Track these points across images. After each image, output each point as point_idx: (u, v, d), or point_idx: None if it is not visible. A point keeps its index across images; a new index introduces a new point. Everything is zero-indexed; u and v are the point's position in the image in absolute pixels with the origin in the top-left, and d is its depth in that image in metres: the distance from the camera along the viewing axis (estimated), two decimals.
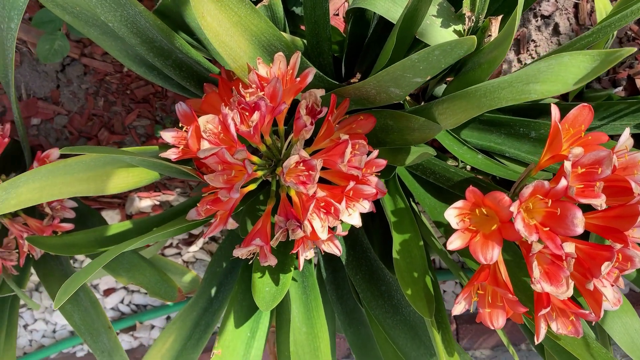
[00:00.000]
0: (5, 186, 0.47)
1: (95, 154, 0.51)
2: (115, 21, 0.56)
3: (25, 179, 0.47)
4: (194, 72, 0.66)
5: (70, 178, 0.50)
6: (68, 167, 0.49)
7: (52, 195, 0.49)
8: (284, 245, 0.64)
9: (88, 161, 0.50)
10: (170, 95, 0.96)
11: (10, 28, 0.61)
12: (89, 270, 0.49)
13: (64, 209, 0.75)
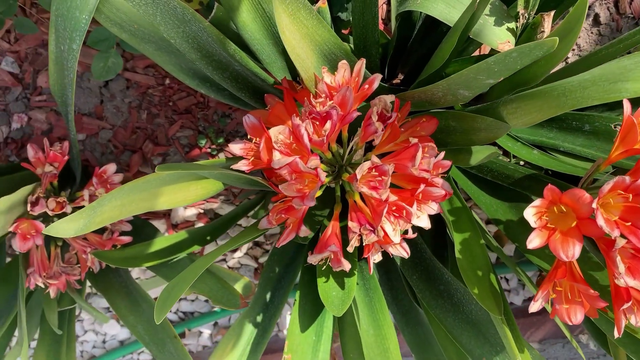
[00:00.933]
0: (93, 205, 0.48)
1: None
2: (177, 37, 0.57)
3: (109, 197, 0.48)
4: (248, 83, 0.67)
5: (147, 194, 0.51)
6: (147, 183, 0.50)
7: (131, 211, 0.50)
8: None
9: (164, 177, 0.51)
10: (212, 106, 0.97)
11: (72, 49, 0.62)
12: (183, 283, 0.50)
13: (121, 222, 0.77)
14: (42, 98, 0.95)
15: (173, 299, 0.49)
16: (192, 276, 0.50)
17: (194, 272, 0.51)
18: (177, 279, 0.52)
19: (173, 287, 0.50)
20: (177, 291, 0.49)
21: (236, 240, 0.56)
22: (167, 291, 0.50)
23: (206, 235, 0.84)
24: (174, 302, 0.48)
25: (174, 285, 0.50)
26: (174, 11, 0.53)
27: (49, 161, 0.71)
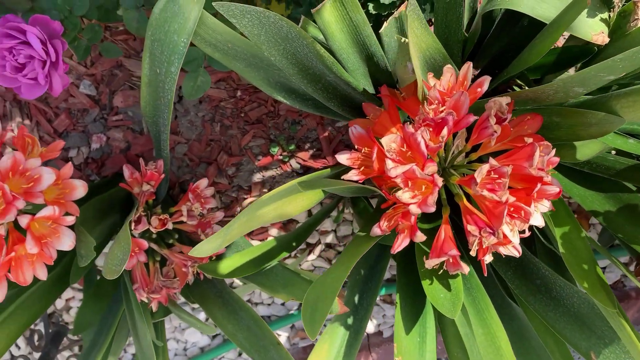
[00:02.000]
0: (228, 225, 0.50)
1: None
2: (277, 55, 0.59)
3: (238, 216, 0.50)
4: (338, 92, 0.68)
5: (267, 208, 0.53)
6: (268, 199, 0.51)
7: (251, 226, 0.52)
8: None
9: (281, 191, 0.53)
10: (282, 114, 0.99)
11: (170, 72, 0.64)
12: (325, 299, 0.51)
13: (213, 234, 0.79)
14: (118, 118, 0.98)
15: (322, 314, 0.50)
16: (333, 291, 0.52)
17: (331, 285, 0.52)
18: (314, 293, 0.53)
19: (315, 302, 0.51)
20: (324, 307, 0.50)
21: (355, 251, 0.57)
22: (311, 307, 0.51)
23: (292, 242, 0.86)
24: (324, 318, 0.50)
25: (316, 301, 0.52)
26: (279, 30, 0.54)
27: (145, 180, 0.74)
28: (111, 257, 0.57)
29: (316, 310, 0.50)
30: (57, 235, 0.60)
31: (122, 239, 0.56)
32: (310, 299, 0.52)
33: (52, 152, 0.63)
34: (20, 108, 0.98)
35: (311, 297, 0.53)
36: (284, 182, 1.03)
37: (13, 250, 0.58)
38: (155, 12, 0.63)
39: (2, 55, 0.66)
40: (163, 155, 0.76)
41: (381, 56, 0.70)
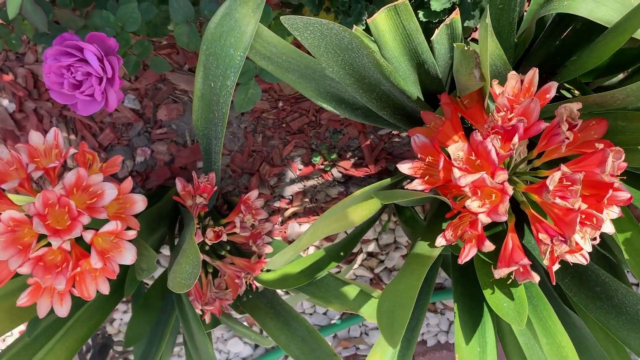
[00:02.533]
0: (299, 238, 0.50)
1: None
2: (335, 65, 0.59)
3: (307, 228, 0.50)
4: (391, 101, 0.68)
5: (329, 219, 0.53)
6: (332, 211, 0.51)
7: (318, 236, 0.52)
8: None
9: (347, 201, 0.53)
10: (323, 124, 0.99)
11: (225, 85, 0.65)
12: (402, 307, 0.51)
13: (264, 245, 0.79)
14: (162, 131, 0.99)
15: (401, 323, 0.50)
16: (410, 299, 0.51)
17: (407, 293, 0.52)
18: (387, 302, 0.53)
19: (391, 311, 0.51)
20: (402, 315, 0.50)
21: (422, 260, 0.57)
22: (387, 316, 0.51)
23: (339, 252, 0.86)
24: (403, 326, 0.49)
25: (392, 310, 0.51)
26: (340, 41, 0.54)
27: (198, 193, 0.74)
28: (179, 271, 0.57)
29: (394, 319, 0.50)
30: (119, 250, 0.61)
31: (189, 252, 0.56)
32: (384, 309, 0.52)
33: (111, 167, 0.64)
34: (66, 123, 1.00)
35: (385, 307, 0.52)
36: (325, 192, 1.03)
37: (78, 265, 0.59)
38: (211, 26, 0.63)
39: (60, 72, 0.67)
40: (214, 168, 0.76)
41: (432, 63, 0.70)
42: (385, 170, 1.00)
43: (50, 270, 0.58)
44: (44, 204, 0.57)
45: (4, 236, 0.56)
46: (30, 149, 0.61)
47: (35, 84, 0.97)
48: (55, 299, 0.61)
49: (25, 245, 0.57)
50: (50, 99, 0.98)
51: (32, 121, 0.99)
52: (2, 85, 0.97)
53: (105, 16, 0.71)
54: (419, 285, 0.51)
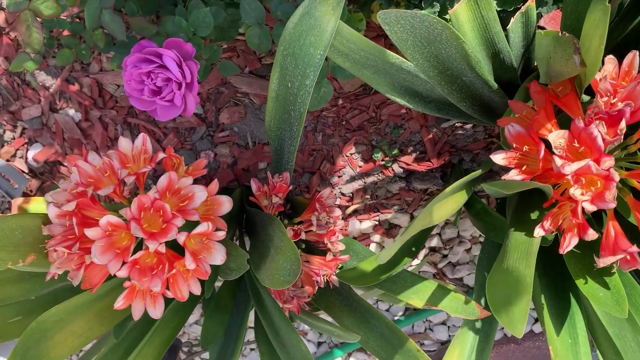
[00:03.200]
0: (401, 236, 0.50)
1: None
2: (420, 58, 0.58)
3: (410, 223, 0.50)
4: (470, 92, 0.67)
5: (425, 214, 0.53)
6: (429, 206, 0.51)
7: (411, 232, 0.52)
8: (589, 246, 0.64)
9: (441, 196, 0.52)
10: (383, 119, 0.99)
11: (304, 85, 0.65)
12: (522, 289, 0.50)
13: (337, 242, 0.79)
14: (225, 134, 1.01)
15: (521, 311, 0.49)
16: (526, 287, 0.51)
17: (522, 281, 0.51)
18: (498, 293, 0.52)
19: (506, 300, 0.51)
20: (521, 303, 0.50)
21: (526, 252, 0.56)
22: (505, 307, 0.50)
23: (411, 247, 0.85)
24: (524, 315, 0.49)
25: (506, 300, 0.51)
26: (429, 33, 0.54)
27: (274, 192, 0.75)
28: (276, 268, 0.58)
29: (511, 309, 0.50)
30: (209, 251, 0.62)
31: (286, 250, 0.57)
32: (497, 300, 0.51)
33: (197, 170, 0.65)
34: (130, 130, 1.02)
35: (498, 297, 0.52)
36: (386, 188, 1.03)
37: (173, 267, 0.60)
38: (289, 26, 0.64)
39: (141, 79, 0.68)
40: (287, 167, 0.77)
41: (507, 52, 0.69)
42: (448, 164, 1.00)
43: (145, 272, 0.60)
44: (139, 208, 0.58)
45: (102, 241, 0.57)
46: (121, 155, 0.62)
47: (100, 92, 1.00)
48: (148, 301, 0.63)
49: (122, 249, 0.58)
50: (115, 107, 1.00)
51: (97, 129, 1.01)
52: (69, 95, 1.00)
53: (177, 22, 0.73)
54: (532, 274, 0.51)
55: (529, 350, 1.08)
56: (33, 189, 1.06)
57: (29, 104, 1.01)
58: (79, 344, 0.66)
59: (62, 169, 1.05)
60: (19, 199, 0.79)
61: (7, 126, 1.03)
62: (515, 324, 0.49)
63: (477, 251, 1.09)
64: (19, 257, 0.60)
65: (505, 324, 0.50)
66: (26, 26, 0.62)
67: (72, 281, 0.59)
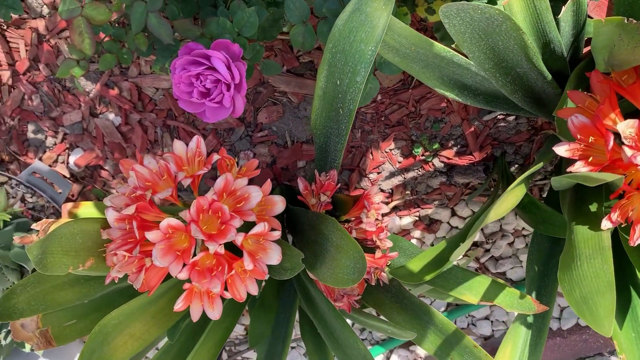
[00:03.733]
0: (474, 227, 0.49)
1: None
2: (476, 50, 0.58)
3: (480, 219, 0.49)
4: (523, 84, 0.66)
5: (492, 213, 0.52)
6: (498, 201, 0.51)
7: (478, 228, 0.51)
8: None
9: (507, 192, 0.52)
10: (423, 114, 0.98)
11: (355, 82, 0.65)
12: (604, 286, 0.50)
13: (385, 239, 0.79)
14: (263, 134, 1.01)
15: (606, 309, 0.48)
16: (608, 284, 0.50)
17: (601, 279, 0.50)
18: (578, 290, 0.51)
19: (588, 299, 0.50)
20: (605, 302, 0.49)
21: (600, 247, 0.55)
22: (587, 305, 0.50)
23: (458, 242, 0.84)
24: (610, 312, 0.48)
25: (588, 298, 0.50)
26: (488, 26, 0.53)
27: (322, 191, 0.75)
28: (339, 268, 0.58)
29: (595, 308, 0.49)
30: (265, 251, 0.62)
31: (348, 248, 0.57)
32: (576, 298, 0.50)
33: (250, 171, 0.65)
34: (170, 132, 1.02)
35: (577, 296, 0.51)
36: (426, 183, 1.02)
37: (232, 268, 0.60)
38: (339, 24, 0.63)
39: (190, 82, 0.68)
40: (334, 165, 0.76)
41: (558, 42, 0.68)
42: (490, 157, 0.98)
43: (205, 274, 0.60)
44: (198, 210, 0.58)
45: (162, 243, 0.58)
46: (176, 158, 0.62)
47: (139, 96, 1.00)
48: (206, 303, 0.63)
49: (182, 251, 0.59)
50: (154, 110, 1.01)
51: (137, 132, 1.02)
52: (108, 99, 1.01)
53: (222, 23, 0.72)
54: (612, 270, 0.50)
55: (576, 344, 1.06)
56: (75, 193, 1.08)
57: (69, 109, 1.02)
58: (137, 346, 0.67)
59: (103, 173, 1.06)
60: (68, 204, 0.80)
61: (48, 132, 1.04)
62: (602, 323, 0.48)
63: (520, 244, 1.07)
64: (79, 262, 0.61)
65: (590, 323, 0.49)
66: (79, 32, 0.62)
67: (133, 284, 0.60)
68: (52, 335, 0.73)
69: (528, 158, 0.97)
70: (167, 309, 0.72)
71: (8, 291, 0.64)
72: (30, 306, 0.67)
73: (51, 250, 0.56)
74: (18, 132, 1.04)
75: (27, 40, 0.98)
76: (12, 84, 1.01)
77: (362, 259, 0.55)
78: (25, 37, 0.98)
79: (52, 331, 0.73)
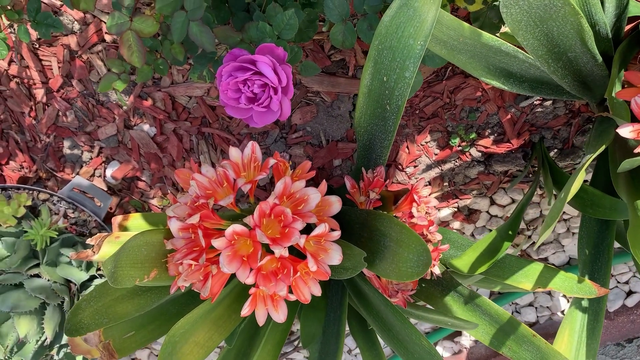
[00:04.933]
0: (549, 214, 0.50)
1: None
2: (530, 38, 0.58)
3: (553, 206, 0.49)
4: (573, 68, 0.66)
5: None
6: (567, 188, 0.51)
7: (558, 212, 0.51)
8: None
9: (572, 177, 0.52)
10: (458, 104, 0.97)
11: (403, 77, 0.65)
12: None
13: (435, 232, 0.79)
14: (298, 135, 1.01)
15: None
16: None
17: None
18: None
19: None
20: None
21: None
22: None
23: (508, 231, 0.84)
24: None
25: None
26: (545, 12, 0.53)
27: (370, 188, 0.75)
28: (402, 261, 0.58)
29: None
30: (326, 252, 0.62)
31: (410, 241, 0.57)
32: None
33: (305, 173, 0.65)
34: (205, 139, 1.03)
35: None
36: (464, 173, 1.01)
37: (297, 270, 0.60)
38: (385, 20, 0.63)
39: (237, 88, 0.69)
40: (381, 162, 0.76)
41: (603, 24, 0.67)
42: (528, 143, 0.98)
43: (270, 278, 0.60)
44: (260, 215, 0.59)
45: (228, 250, 0.58)
46: (234, 165, 0.62)
47: (173, 105, 1.01)
48: (270, 306, 0.63)
49: (248, 256, 0.59)
50: (188, 118, 1.01)
51: (172, 142, 1.03)
52: (142, 111, 1.01)
53: (262, 27, 0.73)
54: None
55: (624, 325, 1.06)
56: (113, 206, 1.09)
57: (104, 123, 1.03)
58: (203, 353, 0.67)
59: (140, 184, 1.07)
60: (118, 217, 0.80)
61: (84, 147, 1.05)
62: None
63: (561, 229, 1.07)
64: (144, 273, 0.61)
65: None
66: (128, 46, 0.63)
67: (200, 292, 0.60)
68: (113, 347, 0.74)
69: (567, 142, 0.97)
70: (226, 315, 0.73)
71: (74, 307, 0.65)
72: (94, 320, 0.67)
73: (120, 264, 0.56)
74: (54, 148, 1.05)
75: (59, 57, 0.99)
76: (47, 102, 1.02)
77: (426, 251, 0.55)
78: (58, 54, 0.99)
79: (113, 344, 0.74)
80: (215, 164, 1.04)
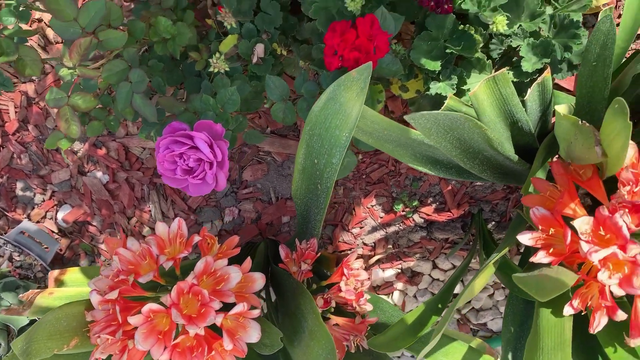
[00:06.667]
0: (467, 286, 0.52)
1: None
2: (443, 141, 0.61)
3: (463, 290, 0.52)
4: (491, 164, 0.69)
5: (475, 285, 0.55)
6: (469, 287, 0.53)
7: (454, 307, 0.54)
8: None
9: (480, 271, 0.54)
10: (402, 172, 1.01)
11: (331, 163, 0.68)
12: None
13: (365, 303, 0.81)
14: (248, 190, 1.03)
15: None
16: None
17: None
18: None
19: None
20: None
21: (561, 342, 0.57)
22: None
23: (437, 304, 0.87)
24: None
25: None
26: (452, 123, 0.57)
27: (302, 260, 0.77)
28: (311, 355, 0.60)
29: None
30: (245, 329, 0.64)
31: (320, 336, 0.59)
32: None
33: (230, 250, 0.67)
34: (157, 189, 1.05)
35: None
36: (407, 237, 1.04)
37: (212, 349, 0.62)
38: (315, 110, 0.66)
39: (173, 160, 0.71)
40: (315, 234, 0.79)
41: (525, 120, 0.71)
42: (468, 214, 1.01)
43: (185, 354, 0.62)
44: (178, 294, 0.60)
45: (144, 327, 0.60)
46: (158, 240, 0.64)
47: (127, 155, 1.03)
48: None
49: (163, 334, 0.61)
50: (141, 169, 1.03)
51: (124, 190, 1.04)
52: (96, 158, 1.03)
53: (205, 100, 0.75)
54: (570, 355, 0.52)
55: None
56: (63, 247, 1.09)
57: (58, 168, 1.05)
58: None
59: (91, 228, 1.08)
60: (55, 271, 0.82)
61: (37, 190, 1.06)
62: None
63: (500, 297, 1.10)
64: (64, 343, 0.62)
65: None
66: (65, 119, 0.65)
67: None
68: None
69: (504, 216, 1.00)
70: None
71: None
72: None
73: (36, 338, 0.58)
74: (7, 189, 1.06)
75: (16, 102, 1.01)
76: (2, 144, 1.04)
77: (333, 350, 0.57)
78: (15, 100, 1.01)
79: None
80: (165, 213, 1.05)
